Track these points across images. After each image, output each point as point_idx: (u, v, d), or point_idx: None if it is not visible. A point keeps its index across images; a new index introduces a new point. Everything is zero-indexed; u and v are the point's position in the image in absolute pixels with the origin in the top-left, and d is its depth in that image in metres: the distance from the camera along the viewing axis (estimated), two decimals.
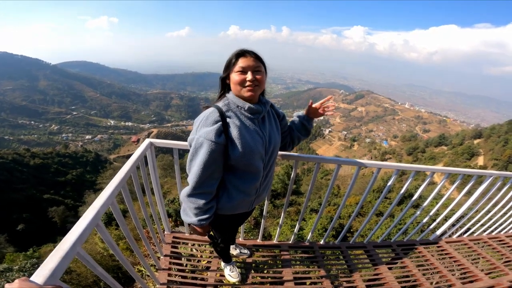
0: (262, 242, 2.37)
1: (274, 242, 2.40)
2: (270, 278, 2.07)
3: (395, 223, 2.49)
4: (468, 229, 2.89)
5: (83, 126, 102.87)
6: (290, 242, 2.41)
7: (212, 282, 1.90)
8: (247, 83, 1.16)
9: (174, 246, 2.15)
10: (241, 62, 1.15)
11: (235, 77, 1.16)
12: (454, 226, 2.80)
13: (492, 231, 2.96)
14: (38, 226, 22.29)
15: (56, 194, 30.29)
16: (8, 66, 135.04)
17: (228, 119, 1.16)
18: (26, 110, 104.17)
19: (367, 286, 2.09)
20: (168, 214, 2.70)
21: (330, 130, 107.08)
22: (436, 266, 2.35)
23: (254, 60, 1.16)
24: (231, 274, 1.91)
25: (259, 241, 2.38)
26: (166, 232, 2.25)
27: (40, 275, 0.70)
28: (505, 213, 2.82)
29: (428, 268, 2.36)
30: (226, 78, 1.23)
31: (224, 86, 1.27)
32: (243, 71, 1.15)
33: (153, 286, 2.09)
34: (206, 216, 1.24)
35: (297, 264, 2.30)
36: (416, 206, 8.62)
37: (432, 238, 2.76)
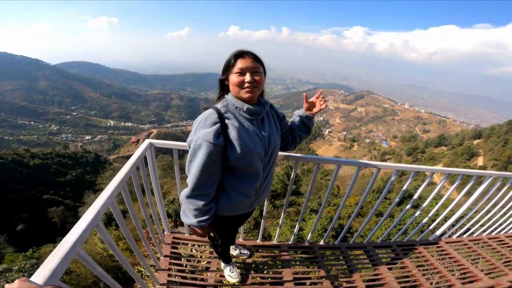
0: (262, 243, 2.37)
1: (274, 242, 2.40)
2: (270, 279, 2.07)
3: (395, 224, 2.49)
4: (468, 229, 2.89)
5: (83, 126, 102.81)
6: (290, 242, 2.42)
7: (212, 282, 1.90)
8: (246, 85, 1.15)
9: (174, 247, 2.15)
10: (239, 64, 1.14)
11: (234, 78, 1.16)
12: (453, 226, 2.80)
13: (491, 232, 2.96)
14: (37, 226, 22.28)
15: (55, 194, 30.28)
16: (8, 66, 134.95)
17: (226, 121, 1.16)
18: (26, 110, 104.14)
19: (367, 286, 2.09)
20: (168, 215, 2.70)
21: (329, 130, 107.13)
22: (436, 266, 2.35)
23: (253, 61, 1.15)
24: (231, 275, 1.91)
25: (259, 241, 2.38)
26: (166, 232, 2.25)
27: (40, 276, 0.70)
28: (504, 213, 2.82)
29: (428, 268, 2.36)
30: (225, 79, 1.22)
31: (223, 88, 1.27)
32: (242, 73, 1.15)
33: (153, 287, 2.09)
34: (205, 217, 1.24)
35: (297, 264, 2.30)
36: (415, 206, 8.62)
37: (432, 239, 2.76)
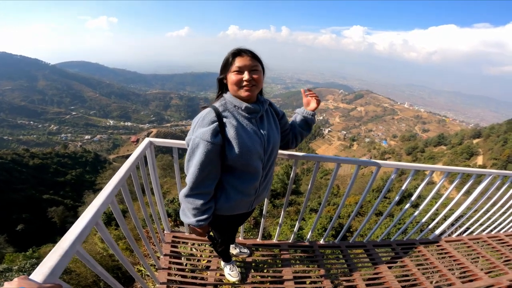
0: (262, 242, 2.37)
1: (274, 241, 2.40)
2: (270, 278, 2.07)
3: (395, 223, 2.50)
4: (467, 228, 2.90)
5: (82, 126, 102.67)
6: (289, 241, 2.41)
7: (212, 281, 1.90)
8: (244, 83, 1.14)
9: (173, 246, 2.15)
10: (237, 62, 1.13)
11: (232, 77, 1.15)
12: (453, 225, 2.80)
13: (491, 230, 2.97)
14: (37, 226, 22.27)
15: (55, 194, 30.28)
16: (7, 66, 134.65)
17: (224, 119, 1.15)
18: (25, 110, 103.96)
19: (367, 285, 2.09)
20: (167, 214, 2.70)
21: (329, 130, 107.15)
22: (435, 265, 2.35)
23: (251, 59, 1.14)
24: (231, 274, 1.91)
25: (259, 240, 2.38)
26: (165, 231, 2.25)
27: (39, 273, 0.70)
28: (504, 212, 2.82)
29: (427, 267, 2.36)
30: (223, 78, 1.22)
31: (221, 87, 1.26)
32: (240, 71, 1.14)
33: (152, 286, 2.09)
34: (204, 216, 1.23)
35: (297, 263, 2.30)
36: (415, 205, 8.63)
37: (431, 237, 2.76)
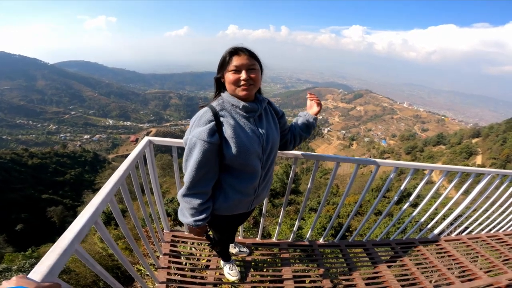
0: (261, 241, 2.37)
1: (274, 240, 2.40)
2: (269, 277, 2.07)
3: (394, 222, 2.50)
4: (466, 227, 2.90)
5: (82, 125, 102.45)
6: (289, 240, 2.42)
7: (211, 280, 1.89)
8: (242, 83, 1.13)
9: (173, 245, 2.14)
10: (234, 61, 1.12)
11: (229, 76, 1.14)
12: (452, 224, 2.80)
13: (490, 230, 2.97)
14: (36, 226, 22.25)
15: (54, 194, 30.25)
16: (6, 65, 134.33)
17: (222, 118, 1.14)
18: (24, 110, 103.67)
19: (367, 284, 2.09)
20: (167, 213, 2.70)
21: (329, 129, 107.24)
22: (435, 264, 2.35)
23: (248, 58, 1.13)
24: (231, 273, 1.91)
25: (259, 239, 2.38)
26: (165, 231, 2.24)
27: (38, 272, 0.70)
28: (503, 211, 2.83)
29: (427, 266, 2.36)
30: (220, 77, 1.20)
31: (219, 86, 1.25)
32: (237, 70, 1.12)
33: (152, 285, 2.08)
34: (202, 216, 1.22)
35: (296, 262, 2.30)
36: (414, 205, 8.64)
37: (430, 237, 2.77)
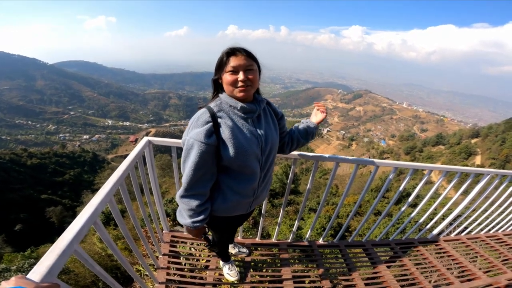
0: (260, 241, 2.37)
1: (273, 241, 2.40)
2: (269, 277, 2.07)
3: (393, 222, 2.50)
4: (465, 227, 2.90)
5: (81, 126, 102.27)
6: (288, 241, 2.41)
7: (210, 281, 1.89)
8: (239, 84, 1.12)
9: (172, 245, 2.14)
10: (232, 62, 1.10)
11: (227, 77, 1.13)
12: (452, 224, 2.81)
13: (489, 230, 2.98)
14: (35, 226, 22.21)
15: (53, 194, 30.19)
16: (5, 65, 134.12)
17: (219, 120, 1.14)
18: (23, 110, 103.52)
19: (366, 284, 2.09)
20: (166, 214, 2.70)
21: (328, 129, 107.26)
22: (434, 264, 2.36)
23: (246, 58, 1.12)
24: (230, 273, 1.91)
25: (258, 240, 2.38)
26: (164, 231, 2.24)
27: (37, 272, 0.69)
28: (502, 211, 2.83)
29: (426, 266, 2.36)
30: (218, 78, 1.19)
31: (217, 87, 1.24)
32: (235, 71, 1.11)
33: (151, 286, 2.08)
34: (200, 218, 1.22)
35: (296, 263, 2.29)
36: (414, 205, 8.65)
37: (430, 237, 2.77)
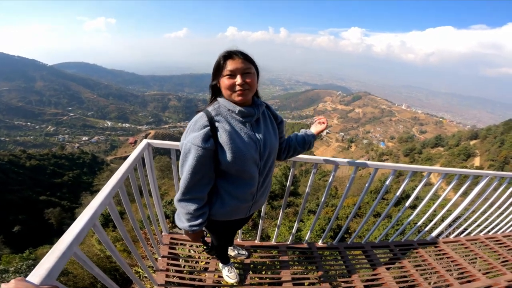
0: (260, 243, 2.37)
1: (272, 243, 2.39)
2: (268, 279, 2.07)
3: (393, 224, 2.50)
4: (465, 229, 2.91)
5: (80, 127, 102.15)
6: (288, 243, 2.41)
7: (210, 283, 1.89)
8: (237, 88, 1.10)
9: (171, 247, 2.14)
10: (229, 65, 1.09)
11: (224, 81, 1.11)
12: (451, 226, 2.81)
13: (489, 231, 2.98)
14: (34, 227, 22.11)
15: (52, 195, 30.07)
16: (4, 66, 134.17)
17: (217, 124, 1.13)
18: (22, 111, 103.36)
19: (366, 286, 2.09)
20: (165, 216, 2.69)
21: (327, 131, 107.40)
22: (433, 266, 2.36)
23: (243, 61, 1.10)
24: (229, 275, 1.91)
25: (257, 242, 2.38)
26: (163, 233, 2.24)
27: (36, 275, 0.70)
28: (501, 213, 2.84)
29: (426, 268, 2.37)
30: (217, 83, 1.18)
31: (215, 91, 1.21)
32: (232, 75, 1.10)
33: None
34: (197, 221, 1.21)
35: (295, 265, 2.29)
36: (413, 207, 8.65)
37: (429, 239, 2.77)
